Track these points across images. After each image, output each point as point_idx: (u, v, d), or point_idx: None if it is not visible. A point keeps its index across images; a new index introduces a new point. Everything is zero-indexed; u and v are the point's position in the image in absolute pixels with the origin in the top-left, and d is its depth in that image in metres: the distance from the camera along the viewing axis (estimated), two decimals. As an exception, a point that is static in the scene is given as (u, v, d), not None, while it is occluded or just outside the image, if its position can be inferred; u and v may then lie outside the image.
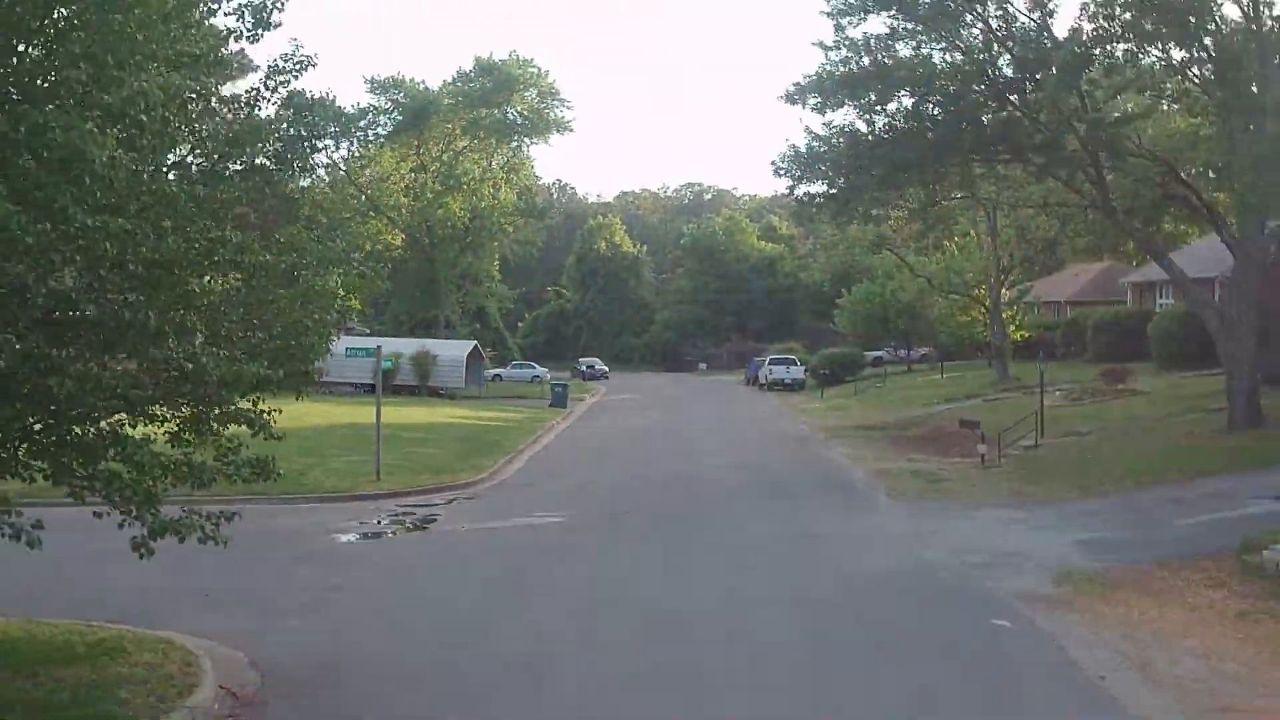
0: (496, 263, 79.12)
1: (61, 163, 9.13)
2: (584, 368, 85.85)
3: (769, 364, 70.26)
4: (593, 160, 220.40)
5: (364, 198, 67.48)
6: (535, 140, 72.64)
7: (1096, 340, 54.12)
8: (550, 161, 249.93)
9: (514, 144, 71.89)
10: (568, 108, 73.09)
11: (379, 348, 34.14)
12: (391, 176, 68.85)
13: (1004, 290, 56.29)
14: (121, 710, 11.14)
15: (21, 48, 9.90)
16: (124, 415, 11.18)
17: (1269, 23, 23.76)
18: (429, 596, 16.99)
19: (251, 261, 11.26)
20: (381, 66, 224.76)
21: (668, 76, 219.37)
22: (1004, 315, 56.54)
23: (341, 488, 26.45)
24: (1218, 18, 25.65)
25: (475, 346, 62.13)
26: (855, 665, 13.14)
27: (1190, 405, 33.31)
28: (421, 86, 68.43)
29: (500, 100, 67.91)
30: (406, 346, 57.80)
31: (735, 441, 39.37)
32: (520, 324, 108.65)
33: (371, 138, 68.64)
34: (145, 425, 11.37)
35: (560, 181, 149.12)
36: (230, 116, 11.52)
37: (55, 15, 9.71)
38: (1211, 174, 27.96)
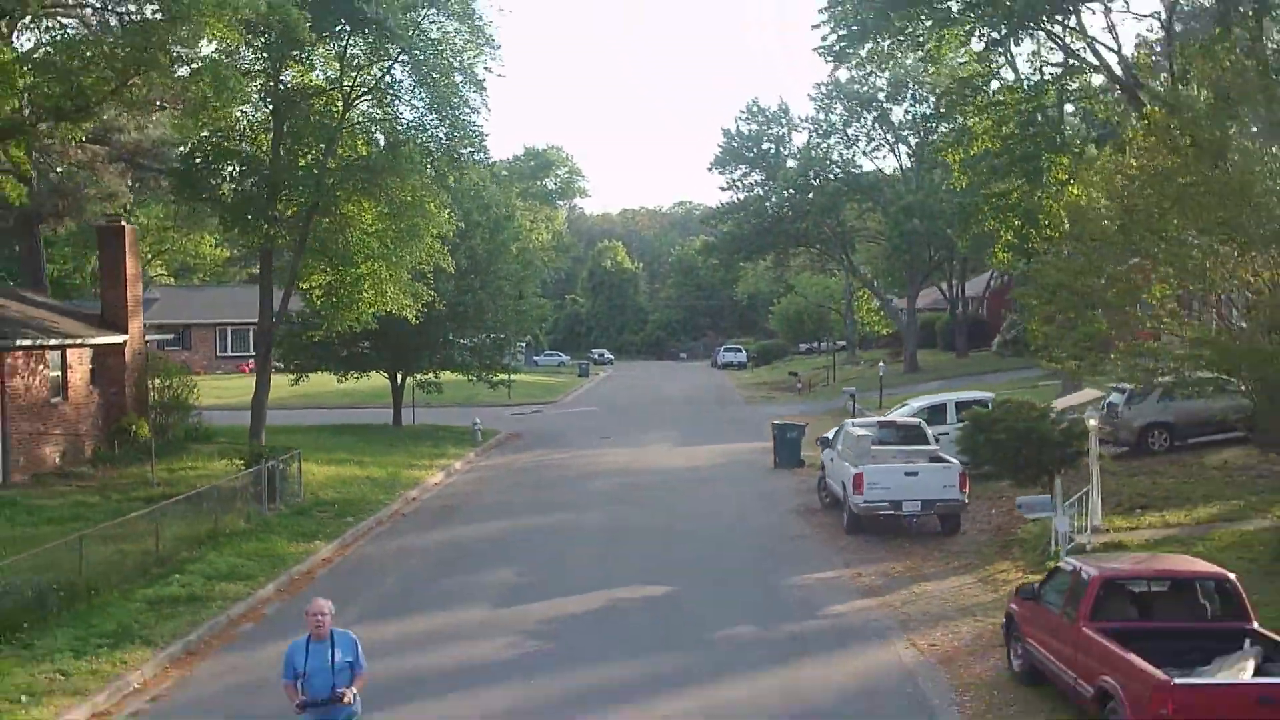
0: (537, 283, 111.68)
1: (499, 287, 41.11)
2: (595, 356, 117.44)
3: (723, 352, 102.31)
4: (598, 176, 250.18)
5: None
6: (564, 202, 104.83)
7: (923, 333, 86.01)
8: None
9: (550, 203, 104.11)
10: (586, 180, 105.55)
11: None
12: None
13: (867, 302, 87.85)
14: (468, 438, 43.08)
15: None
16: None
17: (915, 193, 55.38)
18: (554, 423, 49.17)
19: (513, 309, 43.35)
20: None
21: (665, 103, 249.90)
22: (868, 319, 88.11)
23: (496, 401, 58.25)
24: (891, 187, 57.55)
25: (530, 339, 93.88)
26: (698, 427, 45.39)
27: (919, 366, 64.99)
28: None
29: (541, 175, 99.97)
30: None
31: (686, 389, 71.36)
32: (543, 323, 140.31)
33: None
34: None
35: (570, 203, 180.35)
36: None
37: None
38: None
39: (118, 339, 31.26)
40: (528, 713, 13.23)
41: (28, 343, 26.97)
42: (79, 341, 29.60)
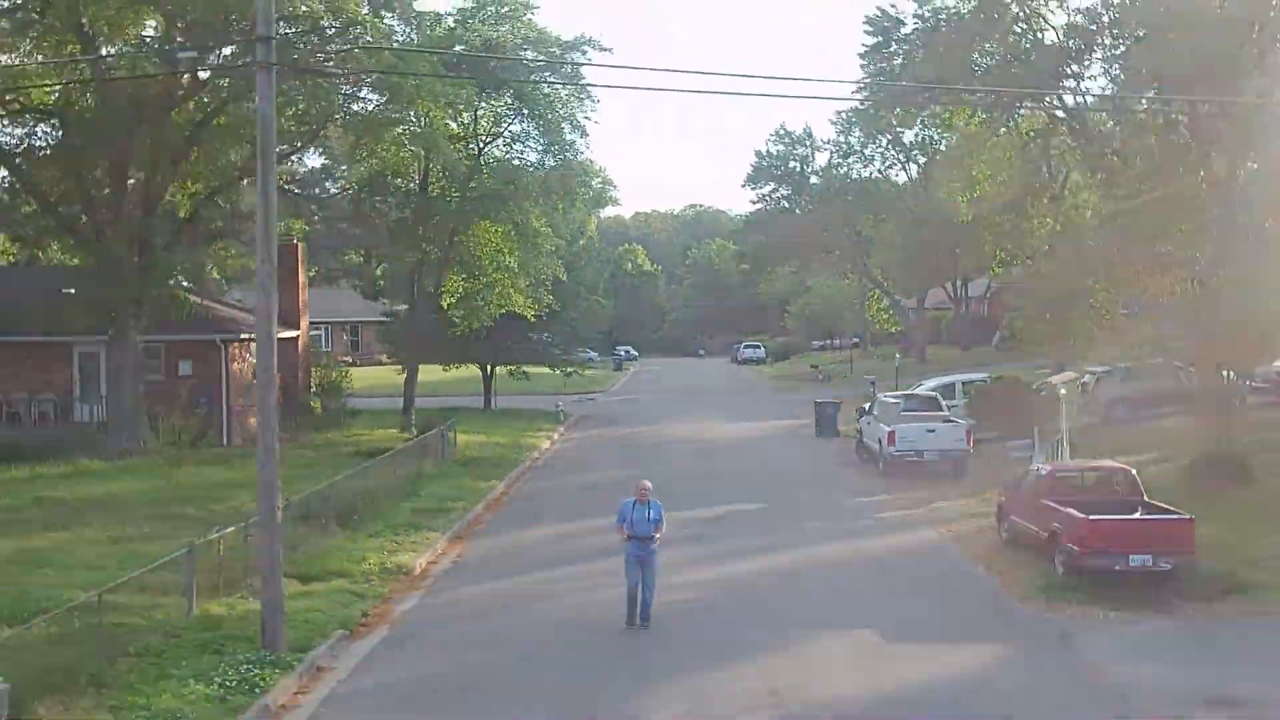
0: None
1: (576, 290, 49.02)
2: (621, 353, 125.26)
3: (743, 348, 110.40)
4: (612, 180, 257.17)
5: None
6: (595, 211, 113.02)
7: (931, 330, 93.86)
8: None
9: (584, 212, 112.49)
10: (615, 189, 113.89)
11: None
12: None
13: (878, 302, 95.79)
14: (553, 417, 51.00)
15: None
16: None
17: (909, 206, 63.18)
18: (613, 408, 57.21)
19: (586, 309, 51.33)
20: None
21: (671, 107, 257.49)
22: (878, 318, 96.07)
23: (555, 390, 66.07)
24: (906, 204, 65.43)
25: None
26: (738, 409, 53.37)
27: (927, 359, 72.83)
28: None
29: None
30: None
31: (715, 381, 79.36)
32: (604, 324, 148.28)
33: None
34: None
35: (599, 211, 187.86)
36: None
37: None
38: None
39: (293, 334, 39.17)
40: (691, 563, 21.03)
41: (247, 335, 34.90)
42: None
